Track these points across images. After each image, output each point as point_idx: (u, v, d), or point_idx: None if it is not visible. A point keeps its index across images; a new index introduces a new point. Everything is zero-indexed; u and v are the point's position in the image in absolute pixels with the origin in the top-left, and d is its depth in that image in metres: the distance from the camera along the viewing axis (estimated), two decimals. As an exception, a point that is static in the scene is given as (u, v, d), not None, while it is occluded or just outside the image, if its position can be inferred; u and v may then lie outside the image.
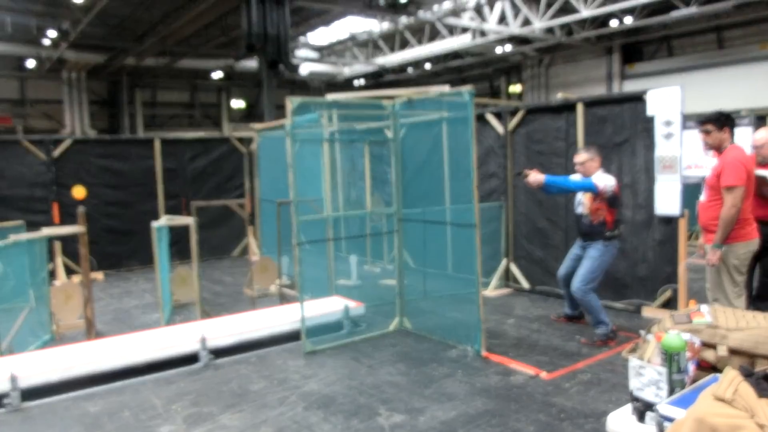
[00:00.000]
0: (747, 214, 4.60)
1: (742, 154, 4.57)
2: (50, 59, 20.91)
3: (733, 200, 4.41)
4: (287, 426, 4.10)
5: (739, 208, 4.43)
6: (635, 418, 2.25)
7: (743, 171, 4.46)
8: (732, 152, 4.57)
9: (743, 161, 4.51)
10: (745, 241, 4.59)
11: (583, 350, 5.42)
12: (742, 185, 4.42)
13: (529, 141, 7.58)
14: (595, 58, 23.55)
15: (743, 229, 4.58)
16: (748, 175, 4.52)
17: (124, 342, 5.52)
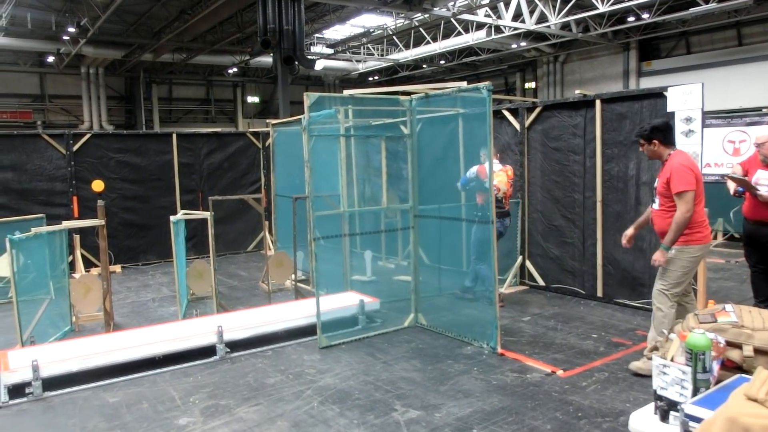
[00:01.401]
0: (701, 217, 4.61)
1: (687, 159, 4.61)
2: (69, 55, 21.10)
3: (686, 205, 4.44)
4: (303, 420, 4.11)
5: (692, 212, 4.45)
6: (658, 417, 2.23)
7: (691, 175, 4.48)
8: (677, 158, 4.58)
9: (689, 166, 4.53)
10: (700, 245, 4.60)
11: (601, 348, 5.39)
12: (692, 189, 4.44)
13: (546, 138, 7.53)
14: (611, 54, 23.36)
15: (699, 233, 4.59)
16: (697, 179, 4.53)
17: (142, 334, 5.58)
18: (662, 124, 4.74)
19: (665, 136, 4.68)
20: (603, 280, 6.98)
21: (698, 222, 4.58)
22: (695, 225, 4.56)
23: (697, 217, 4.56)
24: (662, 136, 4.67)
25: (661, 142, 4.68)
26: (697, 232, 4.58)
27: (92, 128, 24.09)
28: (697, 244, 4.59)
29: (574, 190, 7.23)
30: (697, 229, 4.58)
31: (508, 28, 18.96)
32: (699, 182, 4.56)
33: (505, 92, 28.43)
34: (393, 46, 25.03)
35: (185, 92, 30.02)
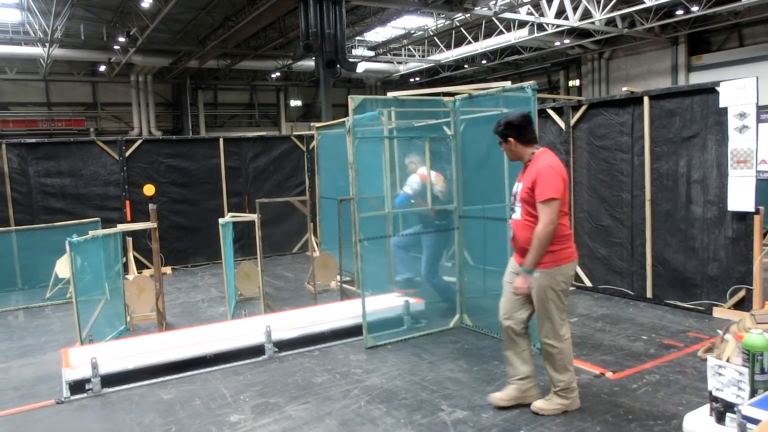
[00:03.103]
0: (567, 230, 3.99)
1: (554, 160, 3.94)
2: (119, 64, 21.85)
3: (550, 215, 3.76)
4: (351, 419, 4.17)
5: (556, 224, 3.80)
6: (714, 419, 2.19)
7: (560, 180, 3.82)
8: (543, 159, 3.94)
9: (558, 168, 3.88)
10: (572, 262, 4.01)
11: (651, 350, 5.27)
12: (558, 198, 3.79)
13: (592, 136, 7.41)
14: (659, 49, 22.77)
15: (569, 248, 3.98)
16: (565, 185, 3.89)
17: (194, 334, 5.74)
18: (517, 119, 4.03)
19: (520, 133, 4.01)
20: (653, 281, 6.83)
21: (565, 235, 3.95)
22: (563, 239, 3.92)
23: (564, 229, 3.93)
24: (516, 133, 4.01)
25: (518, 140, 4.02)
26: (567, 247, 3.96)
27: (141, 134, 24.86)
28: (568, 261, 3.97)
29: (622, 189, 7.10)
30: (566, 243, 3.95)
31: (551, 25, 18.72)
32: (566, 189, 3.94)
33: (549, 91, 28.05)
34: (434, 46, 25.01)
35: (230, 97, 30.68)
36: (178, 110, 28.62)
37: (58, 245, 7.44)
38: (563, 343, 4.00)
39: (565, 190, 3.88)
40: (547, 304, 3.95)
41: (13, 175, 9.39)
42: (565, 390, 4.06)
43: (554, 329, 3.99)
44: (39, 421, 4.37)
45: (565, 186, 3.89)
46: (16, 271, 9.06)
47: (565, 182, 3.89)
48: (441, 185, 6.59)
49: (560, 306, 3.98)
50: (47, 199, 9.64)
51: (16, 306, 8.10)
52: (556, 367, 4.04)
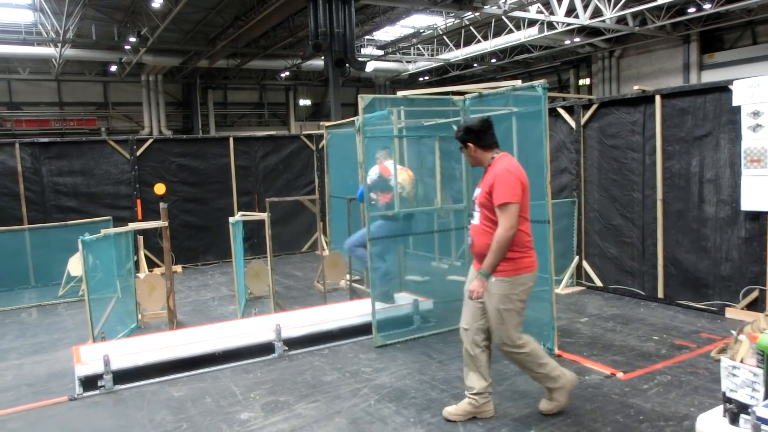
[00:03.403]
0: (528, 237, 3.87)
1: (513, 164, 3.87)
2: (130, 64, 21.97)
3: (510, 220, 3.68)
4: (360, 417, 4.17)
5: (516, 229, 3.71)
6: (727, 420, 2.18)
7: (517, 184, 3.73)
8: (501, 163, 3.86)
9: (516, 172, 3.79)
10: (533, 272, 3.89)
11: (662, 351, 5.24)
12: (516, 201, 3.70)
13: (603, 135, 7.37)
14: (670, 48, 22.61)
15: (529, 257, 3.86)
16: (524, 189, 3.80)
17: (204, 332, 5.77)
18: (476, 124, 3.95)
19: (479, 138, 3.93)
20: (664, 281, 6.79)
21: (526, 243, 3.84)
22: (523, 247, 3.82)
23: (524, 236, 3.82)
24: (476, 138, 3.93)
25: (477, 145, 3.94)
26: (527, 256, 3.84)
27: (152, 133, 25.01)
28: (528, 271, 3.84)
29: (633, 188, 7.06)
30: (526, 252, 3.83)
31: (561, 24, 18.63)
32: (526, 193, 3.83)
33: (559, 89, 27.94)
34: (443, 45, 24.98)
35: (239, 97, 30.78)
36: (188, 110, 28.76)
37: (70, 243, 7.48)
38: (523, 351, 3.90)
39: (524, 194, 3.80)
40: (504, 314, 3.82)
41: (26, 174, 9.47)
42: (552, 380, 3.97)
43: (511, 338, 3.86)
44: (52, 417, 4.41)
45: (525, 191, 3.80)
46: (29, 269, 9.14)
47: (525, 187, 3.80)
48: (406, 182, 6.54)
49: (517, 316, 3.86)
50: (60, 197, 9.71)
51: (29, 303, 8.17)
52: (532, 366, 3.95)
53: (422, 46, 25.49)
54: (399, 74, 28.69)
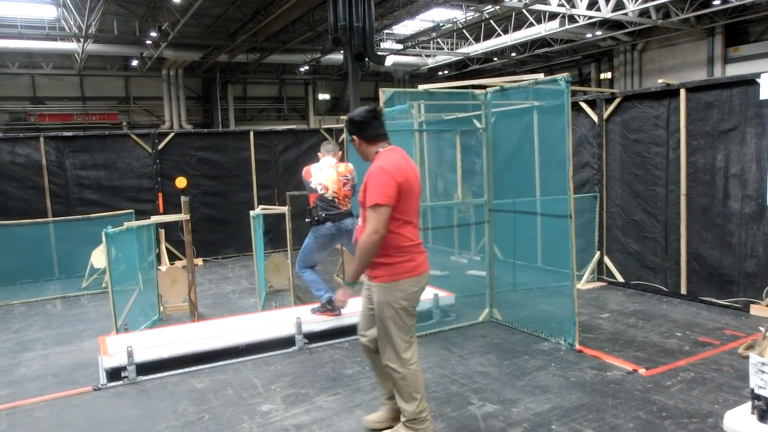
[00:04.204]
0: (410, 240, 3.48)
1: (394, 161, 3.46)
2: (151, 58, 22.16)
3: (375, 223, 3.31)
4: (381, 410, 4.18)
5: (383, 234, 3.33)
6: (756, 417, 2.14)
7: (390, 185, 3.32)
8: (380, 159, 3.49)
9: (393, 171, 3.38)
10: (416, 276, 3.51)
11: (686, 347, 5.18)
12: (387, 204, 3.32)
13: (626, 129, 7.29)
14: (694, 41, 22.21)
15: (410, 261, 3.48)
16: (403, 189, 3.38)
17: (225, 324, 5.83)
18: (359, 114, 3.58)
19: (362, 129, 3.56)
20: (687, 277, 6.70)
21: (406, 247, 3.46)
22: (404, 251, 3.46)
23: (403, 240, 3.45)
24: (359, 130, 3.57)
25: (361, 138, 3.58)
26: (408, 260, 3.47)
27: (173, 128, 25.20)
28: (409, 276, 3.47)
29: (656, 183, 6.97)
30: (407, 256, 3.47)
31: (582, 17, 18.38)
32: (411, 194, 3.46)
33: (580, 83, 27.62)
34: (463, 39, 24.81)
35: (259, 91, 30.88)
36: (208, 104, 28.93)
37: (93, 236, 7.61)
38: (406, 369, 3.51)
39: (407, 195, 3.43)
40: (385, 323, 3.50)
41: (50, 168, 9.62)
42: (413, 421, 3.56)
43: (395, 352, 3.52)
44: (77, 407, 4.49)
45: (408, 191, 3.43)
46: (53, 261, 9.30)
47: (407, 186, 3.41)
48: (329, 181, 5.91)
49: (401, 326, 3.51)
50: (83, 191, 9.85)
51: (53, 295, 8.31)
52: (402, 394, 3.57)
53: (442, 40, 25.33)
54: (418, 68, 28.56)
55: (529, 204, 6.57)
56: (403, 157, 3.57)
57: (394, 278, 3.45)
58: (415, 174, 3.59)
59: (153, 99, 27.15)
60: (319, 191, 5.91)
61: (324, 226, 5.91)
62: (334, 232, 5.95)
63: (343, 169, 6.06)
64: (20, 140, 9.62)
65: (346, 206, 6.00)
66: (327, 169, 5.99)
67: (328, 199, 5.92)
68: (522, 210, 6.37)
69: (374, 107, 3.64)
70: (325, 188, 5.91)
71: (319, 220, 5.89)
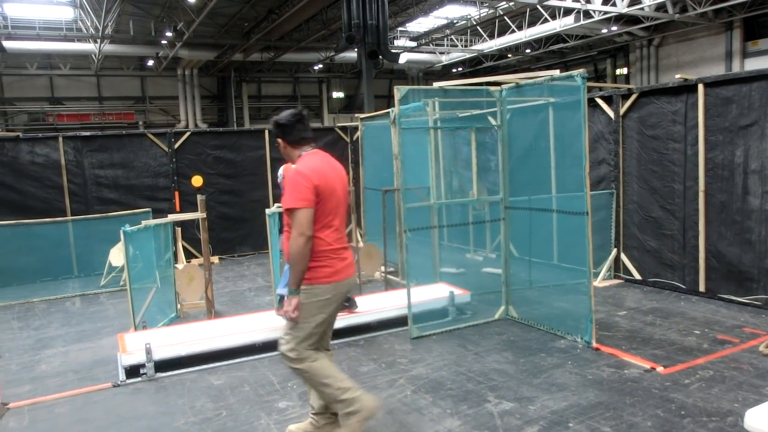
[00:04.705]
0: (329, 244, 3.44)
1: (310, 164, 3.43)
2: (167, 58, 22.33)
3: (297, 227, 3.28)
4: (397, 408, 4.19)
5: (309, 235, 3.30)
6: (777, 415, 2.12)
7: (306, 188, 3.30)
8: (300, 163, 3.47)
9: (310, 174, 3.35)
10: (331, 283, 3.44)
11: (704, 345, 5.13)
12: (306, 206, 3.29)
13: (643, 125, 7.22)
14: (711, 35, 21.93)
15: (327, 266, 3.42)
16: (321, 192, 3.36)
17: (242, 322, 5.87)
18: (284, 118, 3.55)
19: (286, 133, 3.54)
20: (706, 274, 6.63)
21: (324, 251, 3.41)
22: (321, 256, 3.40)
23: (322, 244, 3.40)
24: (283, 133, 3.55)
25: (286, 141, 3.55)
26: (324, 265, 3.41)
27: (188, 127, 25.39)
28: (324, 281, 3.42)
29: (674, 179, 6.90)
30: (323, 261, 3.41)
31: (598, 12, 18.23)
32: (330, 197, 3.42)
33: (595, 79, 27.38)
34: (477, 36, 24.70)
35: (273, 90, 31.01)
36: (223, 103, 29.10)
37: (111, 234, 7.70)
38: (304, 364, 3.48)
39: (326, 198, 3.38)
40: (297, 326, 3.47)
41: (69, 167, 9.73)
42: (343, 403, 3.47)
43: (295, 351, 3.47)
44: (97, 403, 4.55)
45: (328, 194, 3.39)
46: (72, 259, 9.41)
47: (326, 190, 3.38)
48: None
49: (306, 330, 3.45)
50: (101, 190, 9.96)
51: (72, 293, 8.42)
52: (315, 386, 3.54)
53: (455, 37, 25.23)
54: (432, 65, 28.50)
55: (544, 201, 6.54)
56: (325, 161, 3.56)
57: (311, 282, 3.40)
58: (339, 177, 3.57)
59: (168, 98, 27.36)
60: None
61: None
62: None
63: None
64: (39, 140, 9.74)
65: None
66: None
67: None
68: (538, 207, 6.34)
69: (300, 111, 3.62)
70: None
71: None
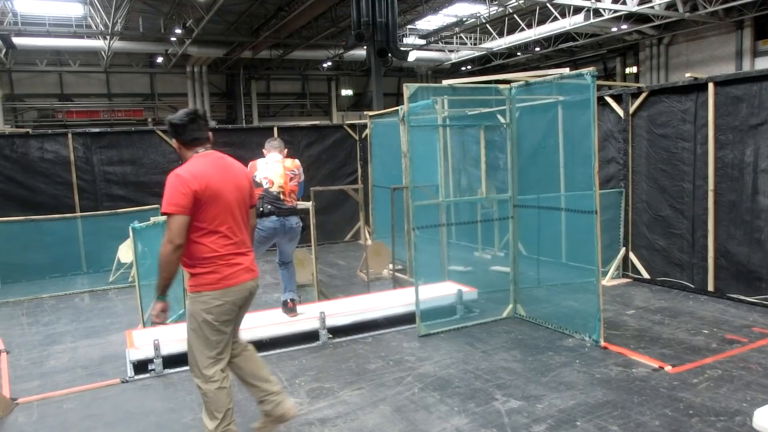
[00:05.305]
0: (213, 250, 3.29)
1: (192, 168, 3.30)
2: (176, 55, 22.42)
3: (168, 233, 3.16)
4: (405, 405, 4.20)
5: (177, 243, 3.16)
6: (787, 415, 2.11)
7: (182, 193, 3.17)
8: (183, 166, 3.34)
9: (188, 178, 3.21)
10: (220, 290, 3.30)
11: (713, 345, 5.11)
12: (177, 213, 3.15)
13: (652, 124, 7.18)
14: (722, 34, 21.80)
15: (212, 273, 3.28)
16: (202, 197, 3.22)
17: (250, 318, 5.84)
18: (177, 117, 3.44)
19: (179, 132, 3.42)
20: (715, 274, 6.60)
21: (209, 258, 3.28)
22: (206, 262, 3.28)
23: (205, 250, 3.27)
24: (175, 133, 3.44)
25: (180, 141, 3.44)
26: (210, 272, 3.28)
27: (197, 124, 25.46)
28: (211, 288, 3.28)
29: (683, 178, 6.87)
30: (209, 267, 3.28)
31: (607, 11, 18.16)
32: (214, 201, 3.27)
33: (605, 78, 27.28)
34: (486, 34, 24.65)
35: (282, 87, 31.08)
36: (232, 100, 29.20)
37: (120, 231, 7.73)
38: (207, 385, 3.34)
39: (202, 202, 3.23)
40: (188, 334, 3.38)
41: (78, 164, 9.78)
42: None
43: (197, 365, 3.37)
44: (106, 399, 4.58)
45: (202, 198, 3.23)
46: (81, 255, 9.46)
47: (200, 194, 3.21)
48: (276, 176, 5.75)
49: (203, 339, 3.33)
50: (110, 186, 10.01)
51: (81, 289, 8.47)
52: (205, 409, 3.41)
53: (465, 35, 25.19)
54: (441, 63, 28.47)
55: (553, 200, 6.53)
56: (215, 163, 3.42)
57: (197, 289, 3.31)
58: (231, 180, 3.44)
59: (177, 95, 27.48)
60: (264, 185, 5.70)
61: (268, 218, 5.67)
62: (277, 226, 5.71)
63: (290, 164, 5.93)
64: (49, 137, 9.80)
65: (291, 202, 5.81)
66: (273, 164, 5.84)
67: (273, 194, 5.70)
68: (546, 206, 6.33)
69: (194, 110, 3.51)
70: (270, 182, 5.72)
71: (264, 212, 5.63)
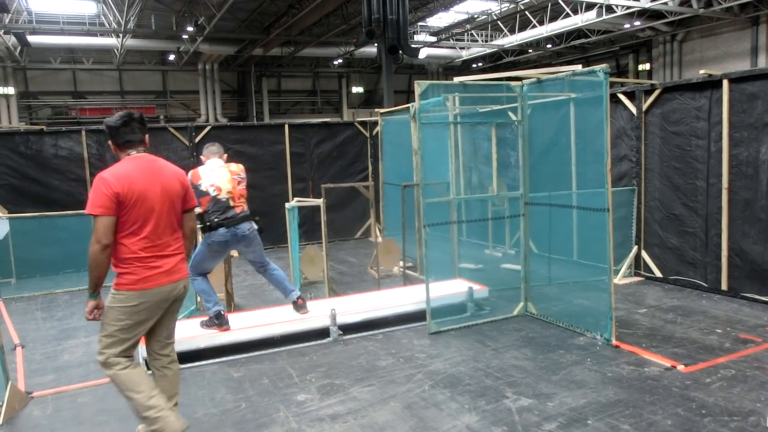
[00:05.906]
0: (138, 252, 3.35)
1: (118, 170, 3.35)
2: (188, 53, 22.53)
3: (95, 234, 3.23)
4: (415, 402, 4.21)
5: (104, 243, 3.23)
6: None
7: (105, 196, 3.23)
8: (108, 169, 3.38)
9: (112, 181, 3.27)
10: (136, 291, 3.36)
11: (726, 344, 5.07)
12: (100, 214, 3.22)
13: (666, 122, 7.13)
14: (737, 30, 21.56)
15: (131, 274, 3.34)
16: (125, 199, 3.28)
17: (261, 315, 5.92)
18: (113, 120, 3.49)
19: (113, 135, 3.48)
20: (728, 273, 6.54)
21: (127, 259, 3.34)
22: (124, 262, 3.35)
23: (124, 251, 3.33)
24: (110, 135, 3.50)
25: (114, 143, 3.50)
26: (128, 272, 3.35)
27: (208, 121, 25.61)
28: (128, 288, 3.35)
29: (697, 176, 6.81)
30: (127, 268, 3.35)
31: (620, 7, 18.01)
32: (137, 204, 3.32)
33: (617, 75, 27.09)
34: (497, 31, 24.55)
35: (293, 84, 31.13)
36: (243, 97, 29.30)
37: (133, 227, 7.76)
38: (111, 370, 3.43)
39: (124, 204, 3.28)
40: (103, 322, 3.45)
41: (92, 161, 9.86)
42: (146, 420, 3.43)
43: (105, 353, 3.45)
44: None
45: (125, 200, 3.28)
46: (95, 251, 9.52)
47: (123, 196, 3.27)
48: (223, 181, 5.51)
49: (110, 332, 3.41)
50: (123, 183, 10.06)
51: (95, 284, 8.52)
52: (124, 396, 3.48)
53: (476, 32, 25.10)
54: (452, 61, 28.39)
55: (565, 197, 6.51)
56: (143, 166, 3.45)
57: (116, 287, 3.39)
58: (159, 183, 3.46)
59: (189, 93, 27.62)
60: (212, 193, 5.44)
61: (217, 232, 5.43)
62: (228, 238, 5.49)
63: (235, 168, 5.69)
64: (63, 134, 9.88)
65: (242, 207, 5.59)
66: (218, 170, 5.58)
67: (222, 201, 5.45)
68: (558, 203, 6.31)
69: (128, 113, 3.54)
70: (218, 189, 5.46)
71: (211, 226, 5.42)
